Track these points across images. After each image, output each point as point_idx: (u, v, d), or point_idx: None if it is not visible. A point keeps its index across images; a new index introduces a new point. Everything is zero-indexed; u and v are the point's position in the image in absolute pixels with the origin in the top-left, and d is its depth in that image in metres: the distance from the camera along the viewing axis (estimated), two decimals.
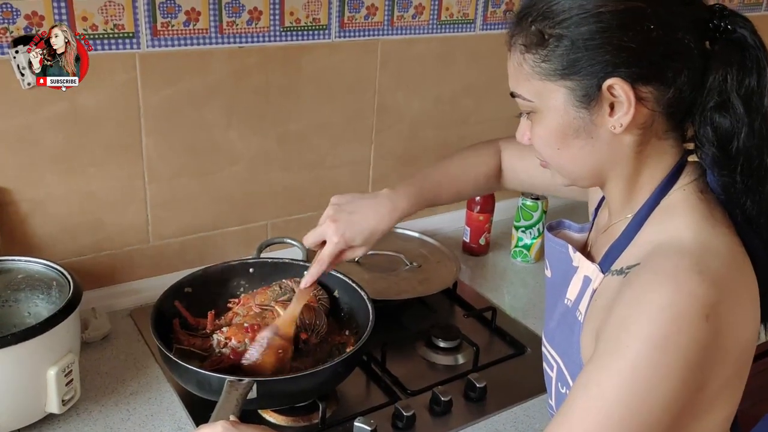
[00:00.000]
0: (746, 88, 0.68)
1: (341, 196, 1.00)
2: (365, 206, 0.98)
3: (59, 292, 1.06)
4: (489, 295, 1.46)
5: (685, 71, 0.68)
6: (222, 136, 1.32)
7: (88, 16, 1.12)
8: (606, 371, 0.64)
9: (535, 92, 0.73)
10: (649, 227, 0.73)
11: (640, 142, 0.72)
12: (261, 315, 1.11)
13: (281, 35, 1.31)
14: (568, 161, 0.76)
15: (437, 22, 1.49)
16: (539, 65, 0.71)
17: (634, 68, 0.67)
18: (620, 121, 0.70)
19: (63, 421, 1.03)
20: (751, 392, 1.19)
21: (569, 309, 0.81)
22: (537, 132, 0.76)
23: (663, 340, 0.62)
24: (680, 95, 0.69)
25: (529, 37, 0.71)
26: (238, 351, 1.05)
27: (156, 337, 1.03)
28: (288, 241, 1.35)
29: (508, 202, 1.68)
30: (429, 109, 1.57)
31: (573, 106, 0.71)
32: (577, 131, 0.72)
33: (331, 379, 1.05)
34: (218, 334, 1.08)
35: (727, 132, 0.68)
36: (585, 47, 0.68)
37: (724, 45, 0.69)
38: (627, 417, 0.63)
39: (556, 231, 0.91)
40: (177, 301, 1.15)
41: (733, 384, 0.71)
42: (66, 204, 1.22)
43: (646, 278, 0.66)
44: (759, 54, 0.68)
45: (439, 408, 1.08)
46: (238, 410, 0.87)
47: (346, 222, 0.97)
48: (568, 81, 0.70)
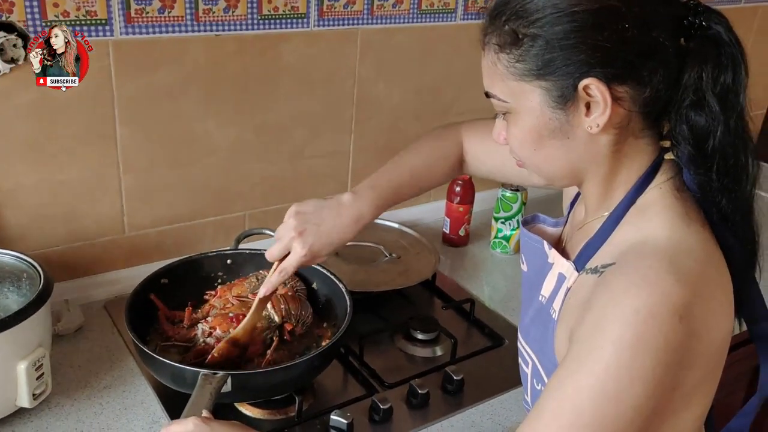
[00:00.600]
0: (722, 86, 0.67)
1: (302, 204, 0.97)
2: (330, 217, 0.96)
3: (30, 285, 1.04)
4: (468, 286, 1.46)
5: (660, 70, 0.67)
6: (199, 125, 1.30)
7: (60, 2, 1.09)
8: (579, 373, 0.64)
9: (510, 92, 0.72)
10: (624, 226, 0.73)
11: (616, 142, 0.72)
12: (245, 305, 1.10)
13: (259, 23, 1.29)
14: (545, 161, 0.75)
15: (418, 11, 1.48)
16: (514, 65, 0.70)
17: (610, 68, 0.67)
18: (597, 121, 0.69)
19: (34, 415, 1.01)
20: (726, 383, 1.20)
21: (543, 306, 0.81)
22: (513, 132, 0.75)
23: (636, 341, 0.62)
24: (656, 94, 0.69)
25: (503, 37, 0.70)
26: (223, 340, 1.03)
27: (130, 329, 1.01)
28: (266, 232, 1.34)
29: (487, 193, 1.68)
30: (410, 99, 1.56)
31: (549, 107, 0.70)
32: (553, 132, 0.71)
33: (307, 373, 1.04)
34: (203, 323, 1.07)
35: (702, 130, 0.68)
36: (560, 47, 0.67)
37: (699, 42, 0.68)
38: (599, 418, 0.62)
39: (530, 225, 0.90)
40: (153, 294, 1.13)
41: (708, 381, 0.71)
42: (37, 194, 1.19)
43: (621, 279, 0.66)
44: (734, 51, 0.67)
45: (417, 401, 1.08)
46: (211, 404, 0.87)
47: (313, 234, 0.95)
48: (544, 81, 0.69)
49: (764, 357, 0.79)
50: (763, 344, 0.79)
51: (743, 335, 0.83)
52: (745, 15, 2.10)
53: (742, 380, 1.58)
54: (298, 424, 1.04)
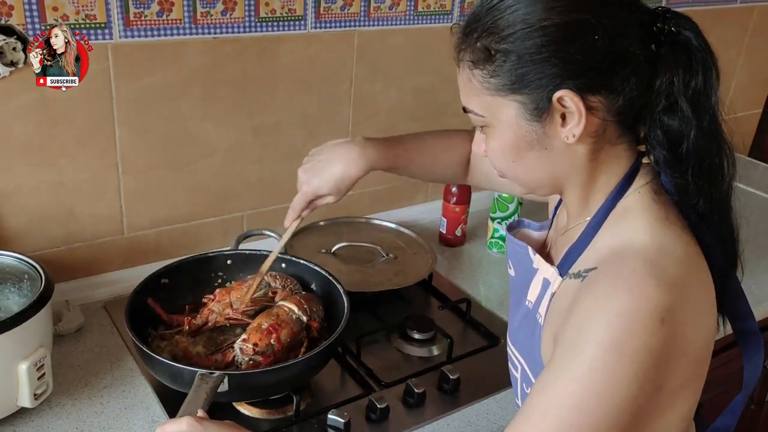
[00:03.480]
0: (693, 90, 0.68)
1: (318, 147, 1.02)
2: (333, 154, 0.99)
3: (31, 286, 1.05)
4: (464, 286, 1.47)
5: (633, 78, 0.69)
6: (197, 127, 1.31)
7: (59, 6, 1.10)
8: (562, 376, 0.65)
9: (485, 107, 0.73)
10: (605, 231, 0.74)
11: (593, 150, 0.73)
12: (271, 314, 1.09)
13: (256, 26, 1.30)
14: (524, 172, 0.76)
15: (414, 12, 1.49)
16: (488, 81, 0.71)
17: (582, 79, 0.68)
18: (572, 131, 0.70)
19: (36, 415, 1.02)
20: (720, 381, 1.22)
21: (530, 311, 0.82)
22: (491, 145, 0.76)
23: (618, 344, 0.63)
24: (630, 102, 0.70)
25: (476, 54, 0.71)
26: (267, 354, 1.03)
27: (129, 328, 1.02)
28: (266, 233, 1.35)
29: (484, 193, 1.69)
30: (406, 100, 1.57)
31: (525, 120, 0.71)
32: (531, 143, 0.72)
33: (304, 372, 1.06)
34: (239, 342, 1.04)
35: (676, 134, 0.69)
36: (532, 61, 0.68)
37: (669, 48, 0.69)
38: (583, 421, 0.64)
39: (515, 231, 0.91)
40: (150, 299, 1.13)
41: (693, 380, 0.72)
42: (36, 195, 1.20)
43: (603, 283, 0.67)
44: (705, 55, 0.68)
45: (413, 400, 1.10)
46: (207, 404, 0.87)
47: (312, 170, 0.98)
48: (518, 95, 0.70)
49: (747, 354, 0.81)
50: (745, 342, 0.81)
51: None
52: (741, 15, 2.11)
53: (736, 378, 1.59)
54: (296, 423, 1.05)
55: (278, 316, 1.09)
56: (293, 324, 1.08)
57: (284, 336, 1.06)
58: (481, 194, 1.69)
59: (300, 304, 1.11)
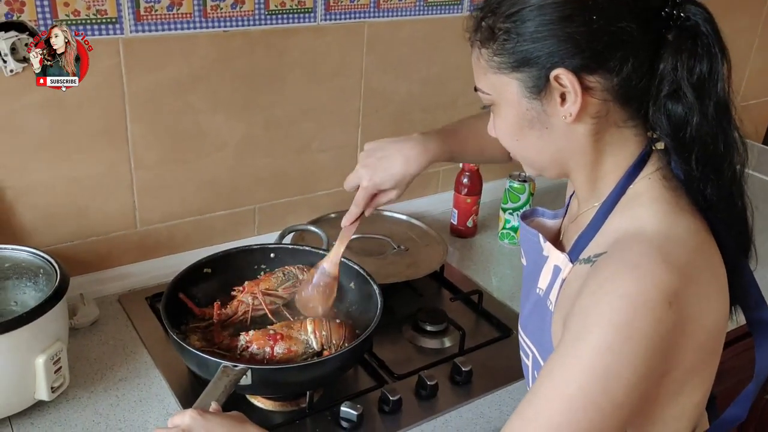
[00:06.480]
0: (698, 76, 0.68)
1: (374, 142, 1.04)
2: (395, 150, 1.01)
3: (46, 280, 1.06)
4: (476, 277, 1.47)
5: (630, 60, 0.69)
6: (208, 121, 1.32)
7: (70, 2, 1.10)
8: (569, 358, 0.65)
9: (491, 85, 0.76)
10: (615, 216, 0.75)
11: (596, 131, 0.74)
12: (289, 326, 1.10)
13: (266, 19, 1.30)
14: (529, 152, 0.79)
15: (424, 4, 1.48)
16: (492, 59, 0.74)
17: (578, 58, 0.69)
18: (569, 111, 0.71)
19: (53, 408, 1.04)
20: (735, 370, 1.21)
21: (540, 298, 0.82)
22: (497, 124, 0.79)
23: (625, 326, 0.63)
24: (628, 84, 0.70)
25: (483, 33, 0.74)
26: (256, 357, 1.05)
27: (165, 316, 1.04)
28: (311, 229, 1.36)
29: (495, 184, 1.69)
30: (417, 91, 1.57)
31: (525, 97, 0.73)
32: (532, 122, 0.74)
33: (330, 373, 1.05)
34: (244, 335, 1.06)
35: (679, 119, 0.69)
36: (531, 40, 0.70)
37: (676, 33, 0.69)
38: (589, 403, 0.64)
39: (529, 219, 0.92)
40: (182, 294, 1.14)
41: (703, 368, 0.72)
42: (51, 191, 1.21)
43: (611, 267, 0.67)
44: (711, 41, 0.68)
45: (425, 392, 1.10)
46: (224, 396, 0.88)
47: (374, 166, 1.01)
48: (519, 73, 0.72)
49: (759, 343, 0.80)
50: (758, 331, 0.80)
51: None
52: (754, 3, 2.09)
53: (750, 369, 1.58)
54: (309, 416, 1.06)
55: (290, 328, 1.09)
56: (297, 344, 1.07)
57: (279, 349, 1.05)
58: (493, 185, 1.69)
59: (317, 330, 1.09)
